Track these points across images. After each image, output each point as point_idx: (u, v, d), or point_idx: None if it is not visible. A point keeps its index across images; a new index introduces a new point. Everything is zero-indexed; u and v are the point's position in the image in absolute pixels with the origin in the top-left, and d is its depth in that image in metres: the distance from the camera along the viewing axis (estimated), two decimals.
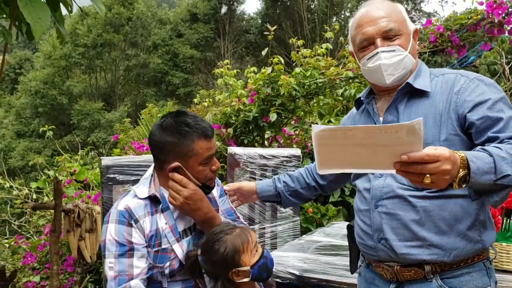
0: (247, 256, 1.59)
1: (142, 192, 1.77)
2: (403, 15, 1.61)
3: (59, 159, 5.47)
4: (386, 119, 1.60)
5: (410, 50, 1.57)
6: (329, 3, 28.04)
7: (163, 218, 1.75)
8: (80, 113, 25.46)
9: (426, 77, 1.58)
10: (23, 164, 20.66)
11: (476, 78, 1.51)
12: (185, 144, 1.71)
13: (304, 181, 2.01)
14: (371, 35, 1.57)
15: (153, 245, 1.71)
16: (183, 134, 1.72)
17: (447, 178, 1.19)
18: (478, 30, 3.67)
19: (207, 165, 1.75)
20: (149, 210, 1.74)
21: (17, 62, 31.99)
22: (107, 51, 28.41)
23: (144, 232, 1.70)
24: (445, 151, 1.18)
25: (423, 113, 1.51)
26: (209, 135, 1.74)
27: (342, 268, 2.11)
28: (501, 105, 1.45)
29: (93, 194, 4.78)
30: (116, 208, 1.73)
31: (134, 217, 1.70)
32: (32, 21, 1.80)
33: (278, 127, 4.34)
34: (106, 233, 1.71)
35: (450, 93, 1.51)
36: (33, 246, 4.72)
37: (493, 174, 1.27)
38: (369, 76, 1.64)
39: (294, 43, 4.26)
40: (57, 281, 3.53)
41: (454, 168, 1.20)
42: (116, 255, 1.67)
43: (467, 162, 1.24)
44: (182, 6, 31.90)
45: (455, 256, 1.45)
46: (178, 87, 28.42)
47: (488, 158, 1.28)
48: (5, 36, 2.29)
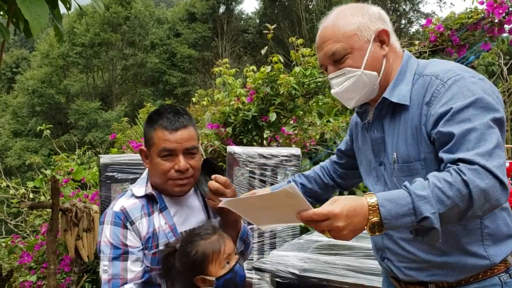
0: (214, 266, 1.55)
1: (139, 191, 1.74)
2: (351, 29, 1.41)
3: (56, 158, 5.45)
4: (372, 136, 1.51)
5: (367, 63, 1.40)
6: (327, 3, 28.04)
7: (161, 218, 1.71)
8: (77, 113, 25.41)
9: (408, 83, 1.41)
10: (20, 164, 20.62)
11: (452, 79, 1.31)
12: (148, 131, 1.72)
13: (322, 181, 1.88)
14: (322, 62, 1.48)
15: (150, 247, 1.67)
16: (149, 121, 1.72)
17: (346, 233, 1.16)
18: (478, 29, 3.66)
19: (167, 160, 1.65)
20: (146, 211, 1.70)
21: (14, 61, 31.92)
22: (104, 50, 28.38)
23: (141, 235, 1.67)
24: (336, 208, 1.14)
25: (404, 129, 1.38)
26: (170, 127, 1.65)
27: (342, 267, 2.09)
28: (465, 114, 1.24)
29: (90, 194, 4.76)
30: (112, 209, 1.70)
31: (130, 219, 1.66)
32: (30, 18, 1.79)
33: (277, 127, 4.32)
34: (102, 234, 1.68)
35: (421, 103, 1.35)
36: (30, 246, 4.69)
37: (413, 215, 1.15)
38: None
39: (294, 42, 4.24)
40: (54, 280, 3.51)
41: (355, 220, 1.15)
42: (110, 258, 1.64)
43: (378, 208, 1.16)
44: (180, 6, 31.91)
45: (458, 275, 1.36)
46: (175, 86, 28.40)
47: (406, 199, 1.15)
48: (3, 33, 2.28)
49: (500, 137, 1.22)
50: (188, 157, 1.68)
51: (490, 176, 1.15)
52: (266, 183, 3.12)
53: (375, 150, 1.50)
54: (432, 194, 1.15)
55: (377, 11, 1.48)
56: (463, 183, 1.15)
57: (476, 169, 1.16)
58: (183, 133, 1.66)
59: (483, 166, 1.16)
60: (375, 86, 1.44)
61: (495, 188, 1.16)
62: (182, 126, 1.67)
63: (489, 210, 1.19)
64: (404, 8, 30.34)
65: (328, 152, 4.68)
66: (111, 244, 1.64)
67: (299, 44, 4.24)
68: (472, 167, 1.16)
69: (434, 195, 1.15)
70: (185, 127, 1.67)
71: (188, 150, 1.67)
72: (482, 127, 1.21)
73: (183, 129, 1.67)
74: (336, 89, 1.46)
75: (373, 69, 1.42)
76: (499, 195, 1.16)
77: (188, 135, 1.67)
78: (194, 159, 1.69)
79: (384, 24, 1.45)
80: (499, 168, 1.17)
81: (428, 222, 1.14)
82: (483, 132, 1.20)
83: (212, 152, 4.10)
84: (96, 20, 27.11)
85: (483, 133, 1.20)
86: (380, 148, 1.48)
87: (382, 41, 1.44)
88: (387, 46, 1.44)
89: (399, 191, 1.19)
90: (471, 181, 1.14)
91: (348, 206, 1.15)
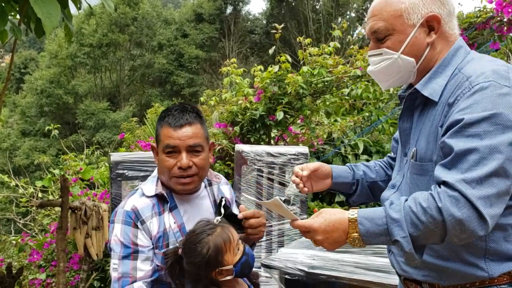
0: (229, 255, 1.57)
1: (149, 190, 1.74)
2: (399, 8, 1.33)
3: (65, 158, 5.49)
4: (401, 126, 1.46)
5: (407, 48, 1.33)
6: (334, 4, 27.99)
7: (171, 217, 1.72)
8: (85, 113, 25.53)
9: (445, 78, 1.31)
10: (28, 163, 20.75)
11: (480, 85, 1.19)
12: (157, 128, 1.75)
13: (384, 173, 1.73)
14: (367, 35, 1.43)
15: (160, 247, 1.68)
16: (159, 118, 1.76)
17: (326, 245, 1.27)
18: (487, 28, 3.64)
19: (170, 157, 1.68)
20: (156, 210, 1.71)
21: (22, 61, 32.13)
22: (112, 51, 28.48)
23: (151, 234, 1.68)
24: (315, 223, 1.25)
25: (428, 125, 1.33)
26: (174, 124, 1.67)
27: (351, 265, 2.10)
28: (475, 129, 1.14)
29: (99, 193, 4.79)
30: (123, 208, 1.71)
31: (141, 218, 1.67)
32: (43, 17, 1.81)
33: (284, 126, 4.33)
34: (112, 233, 1.69)
35: (446, 103, 1.27)
36: (39, 244, 4.73)
37: (388, 236, 1.18)
38: None
39: (302, 41, 4.24)
40: (63, 278, 3.53)
41: (334, 235, 1.24)
42: (120, 256, 1.65)
43: (357, 224, 1.21)
44: (187, 6, 31.96)
45: (452, 281, 1.31)
46: (183, 87, 28.45)
47: (382, 220, 1.19)
48: (15, 32, 2.31)
49: (504, 164, 1.13)
50: (192, 155, 1.68)
51: (468, 206, 1.11)
52: (274, 181, 3.13)
53: (403, 140, 1.47)
54: (405, 218, 1.16)
55: None
56: (437, 210, 1.13)
57: (455, 196, 1.12)
58: (187, 130, 1.67)
59: (464, 195, 1.11)
60: (411, 72, 1.38)
61: (471, 219, 1.11)
62: (186, 123, 1.67)
63: (466, 239, 1.16)
64: None
65: (335, 152, 4.68)
66: (121, 243, 1.65)
67: (307, 43, 4.25)
68: (453, 193, 1.12)
69: (408, 219, 1.16)
70: (189, 124, 1.68)
71: (192, 147, 1.67)
72: (486, 150, 1.13)
73: (187, 126, 1.67)
74: (371, 68, 1.44)
75: (412, 56, 1.35)
76: (475, 227, 1.11)
77: (193, 132, 1.68)
78: (198, 157, 1.69)
79: (441, 7, 1.34)
80: (483, 199, 1.11)
81: (399, 245, 1.17)
82: (485, 157, 1.13)
83: (220, 151, 4.11)
84: (104, 20, 27.23)
85: (484, 157, 1.13)
86: (407, 139, 1.44)
87: (430, 27, 1.34)
88: (435, 33, 1.34)
89: (378, 210, 1.23)
90: (446, 209, 1.12)
91: (327, 222, 1.24)
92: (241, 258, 1.58)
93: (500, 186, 1.12)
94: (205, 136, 1.75)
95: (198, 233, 1.61)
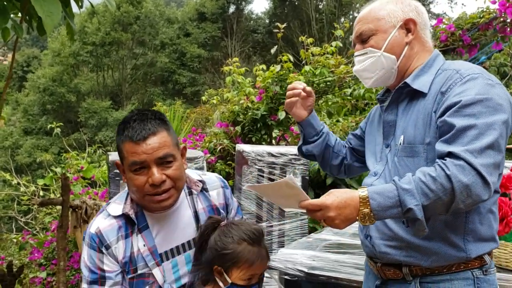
0: (237, 273, 1.49)
1: (115, 210, 1.57)
2: (382, 12, 1.53)
3: (67, 156, 5.50)
4: (386, 118, 1.57)
5: (388, 46, 1.50)
6: (338, 3, 27.99)
7: (141, 239, 1.57)
8: (88, 111, 25.58)
9: (431, 75, 1.47)
10: (30, 161, 20.81)
11: (471, 75, 1.37)
12: (118, 144, 1.54)
13: (341, 149, 1.89)
14: (353, 41, 1.61)
15: (128, 272, 1.55)
16: (118, 132, 1.55)
17: (338, 222, 1.29)
18: (490, 29, 3.63)
19: (140, 174, 1.48)
20: (123, 232, 1.55)
21: (25, 60, 32.20)
22: (115, 49, 28.54)
23: (117, 259, 1.55)
24: (328, 200, 1.29)
25: (416, 115, 1.45)
26: (137, 138, 1.46)
27: (351, 266, 2.09)
28: (472, 110, 1.29)
29: (100, 191, 4.80)
30: (88, 229, 1.57)
31: (105, 243, 1.53)
32: (43, 15, 1.81)
33: (286, 126, 4.32)
34: (82, 253, 1.59)
35: (438, 92, 1.41)
36: (40, 242, 4.74)
37: (399, 207, 1.25)
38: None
39: (304, 41, 4.23)
40: (64, 277, 3.54)
41: (346, 211, 1.28)
42: (88, 281, 1.55)
43: (368, 200, 1.27)
44: (190, 5, 31.98)
45: (433, 261, 1.40)
46: (185, 86, 28.48)
47: (393, 192, 1.26)
48: (17, 30, 2.31)
49: (498, 139, 1.27)
50: (163, 167, 1.49)
51: (473, 173, 1.22)
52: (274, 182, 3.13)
53: (385, 132, 1.58)
54: (416, 187, 1.24)
55: (414, 4, 1.56)
56: (446, 178, 1.23)
57: (461, 164, 1.23)
58: (152, 141, 1.47)
59: (469, 162, 1.22)
60: (393, 69, 1.53)
61: (477, 184, 1.22)
62: (149, 133, 1.47)
63: (471, 205, 1.26)
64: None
65: None
66: (88, 268, 1.55)
67: (309, 43, 4.24)
68: (458, 162, 1.23)
69: (418, 189, 1.24)
70: (153, 133, 1.48)
71: (162, 159, 1.48)
72: (483, 126, 1.26)
73: (152, 136, 1.47)
74: (357, 67, 1.59)
75: (393, 53, 1.51)
76: (480, 192, 1.22)
77: (159, 142, 1.48)
78: (171, 168, 1.50)
79: (418, 16, 1.54)
80: (485, 166, 1.23)
81: (412, 213, 1.23)
82: (482, 132, 1.26)
83: (221, 151, 4.11)
84: (107, 19, 27.28)
85: (482, 132, 1.26)
86: (390, 131, 1.55)
87: (408, 29, 1.52)
88: (412, 34, 1.52)
89: (387, 185, 1.30)
90: (454, 176, 1.22)
91: (339, 199, 1.29)
92: (241, 286, 1.50)
93: (496, 157, 1.25)
94: (174, 143, 1.55)
95: (243, 231, 1.53)
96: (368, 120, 1.78)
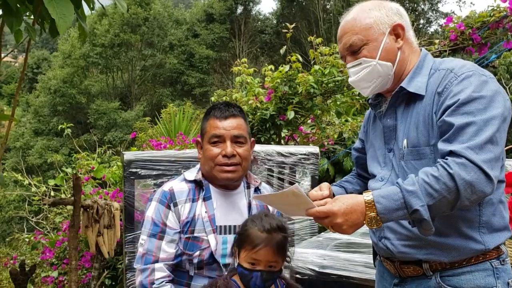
0: (243, 254, 1.60)
1: (190, 175, 1.83)
2: (368, 21, 1.52)
3: (77, 157, 5.54)
4: (385, 123, 1.58)
5: (382, 54, 1.50)
6: (345, 3, 27.86)
7: (203, 206, 1.78)
8: (97, 112, 25.73)
9: (425, 75, 1.50)
10: (41, 162, 20.98)
11: (465, 74, 1.39)
12: (203, 123, 1.86)
13: (363, 183, 1.88)
14: (341, 53, 1.61)
15: (186, 231, 1.74)
16: (205, 114, 1.87)
17: (345, 228, 1.31)
18: (500, 28, 3.60)
19: (216, 146, 1.77)
20: (191, 196, 1.79)
21: (35, 61, 32.50)
22: (124, 51, 28.68)
23: (180, 218, 1.74)
24: (334, 207, 1.30)
25: (416, 117, 1.47)
26: (220, 116, 1.79)
27: (361, 264, 2.09)
28: (469, 108, 1.32)
29: (111, 191, 4.83)
30: (162, 188, 1.81)
31: (175, 200, 1.76)
32: (57, 17, 1.83)
33: (295, 126, 4.33)
34: (147, 210, 1.79)
35: (434, 92, 1.44)
36: (52, 242, 4.78)
37: (405, 209, 1.27)
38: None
39: (313, 41, 4.23)
40: (75, 276, 3.57)
41: (353, 217, 1.30)
42: (149, 233, 1.73)
43: (374, 204, 1.29)
44: (198, 6, 32.05)
45: (453, 257, 1.42)
46: (194, 87, 28.54)
47: (398, 194, 1.28)
48: (30, 32, 2.33)
49: (496, 133, 1.30)
50: (236, 145, 1.78)
51: (475, 169, 1.25)
52: (284, 181, 3.14)
53: (386, 137, 1.59)
54: (420, 188, 1.26)
55: (395, 7, 1.57)
56: (449, 177, 1.25)
57: (463, 162, 1.26)
58: (231, 121, 1.79)
59: (470, 160, 1.25)
60: (389, 76, 1.53)
61: (480, 180, 1.25)
62: (231, 115, 1.80)
63: (476, 201, 1.29)
64: (423, 8, 29.96)
65: (346, 152, 4.66)
66: (152, 220, 1.75)
67: (318, 43, 4.24)
68: (460, 160, 1.26)
69: (422, 189, 1.26)
70: (234, 116, 1.80)
71: (236, 137, 1.78)
72: (481, 122, 1.29)
73: (232, 118, 1.79)
74: (353, 78, 1.58)
75: (388, 60, 1.51)
76: (484, 187, 1.26)
77: (237, 123, 1.79)
78: (242, 148, 1.79)
79: (401, 18, 1.54)
80: (486, 162, 1.26)
81: (418, 214, 1.25)
82: (481, 128, 1.29)
83: None
84: (116, 21, 27.42)
85: (480, 128, 1.29)
86: (391, 136, 1.56)
87: (397, 35, 1.53)
88: (402, 39, 1.53)
89: (392, 188, 1.31)
90: (457, 174, 1.25)
91: (345, 205, 1.30)
92: (245, 269, 1.59)
93: (495, 151, 1.29)
94: (248, 131, 1.86)
95: (271, 220, 1.63)
96: (364, 129, 1.81)
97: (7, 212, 11.51)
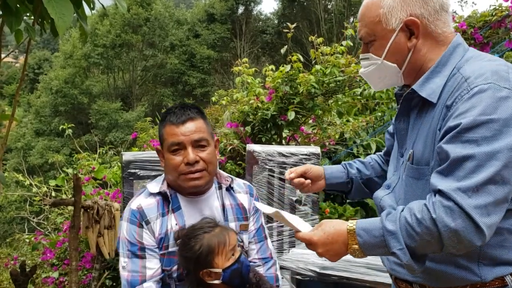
0: (220, 258, 1.55)
1: (153, 188, 1.73)
2: (377, 14, 1.32)
3: (79, 157, 5.54)
4: (397, 126, 1.43)
5: (388, 54, 1.33)
6: (346, 3, 27.86)
7: (173, 218, 1.70)
8: (98, 113, 25.75)
9: (443, 78, 1.26)
10: (42, 162, 21.01)
11: (479, 87, 1.14)
12: (160, 129, 1.76)
13: (380, 169, 1.72)
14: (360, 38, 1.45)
15: (160, 248, 1.67)
16: (161, 119, 1.76)
17: (328, 257, 1.27)
18: (502, 27, 3.59)
19: (176, 154, 1.66)
20: (160, 211, 1.70)
21: (36, 62, 32.52)
22: (125, 51, 28.71)
23: (154, 235, 1.67)
24: (314, 236, 1.26)
25: (426, 128, 1.29)
26: (177, 121, 1.67)
27: (362, 266, 2.08)
28: (473, 134, 1.10)
29: (111, 192, 4.82)
30: (129, 206, 1.72)
31: (146, 219, 1.67)
32: (56, 17, 1.82)
33: (296, 126, 4.31)
34: (121, 230, 1.71)
35: (444, 104, 1.22)
36: (52, 243, 4.77)
37: (386, 248, 1.17)
38: None
39: (314, 41, 4.22)
40: (76, 277, 3.56)
41: (334, 247, 1.24)
42: (129, 254, 1.65)
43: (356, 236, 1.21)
44: (199, 7, 32.09)
45: (443, 283, 1.29)
46: (195, 87, 28.56)
47: (379, 231, 1.18)
48: (30, 32, 2.32)
49: (501, 171, 1.08)
50: (198, 150, 1.67)
51: (463, 216, 1.08)
52: (285, 181, 3.12)
53: (399, 139, 1.44)
54: (401, 229, 1.15)
55: None
56: (431, 221, 1.11)
57: (450, 206, 1.09)
58: (190, 125, 1.67)
59: (459, 204, 1.08)
60: (398, 76, 1.37)
61: (467, 229, 1.07)
62: (188, 118, 1.68)
63: (464, 250, 1.13)
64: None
65: (347, 152, 4.65)
66: (128, 241, 1.66)
67: (319, 42, 4.22)
68: (447, 203, 1.09)
69: (403, 230, 1.15)
70: (191, 119, 1.68)
71: (197, 142, 1.67)
72: (483, 157, 1.09)
73: (190, 121, 1.68)
74: (362, 70, 1.46)
75: (394, 61, 1.34)
76: (472, 238, 1.08)
77: (196, 126, 1.68)
78: (205, 151, 1.68)
79: (424, 6, 1.29)
80: (478, 208, 1.07)
81: (396, 256, 1.16)
82: (482, 164, 1.09)
83: (231, 151, 4.11)
84: (117, 21, 27.45)
85: (481, 164, 1.09)
86: (403, 140, 1.41)
87: (411, 32, 1.31)
88: (416, 38, 1.30)
89: (375, 221, 1.21)
90: (440, 220, 1.09)
91: (326, 235, 1.24)
92: (232, 265, 1.55)
93: (497, 193, 1.09)
94: (209, 132, 1.75)
95: (196, 229, 1.60)
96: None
97: (8, 212, 11.51)
